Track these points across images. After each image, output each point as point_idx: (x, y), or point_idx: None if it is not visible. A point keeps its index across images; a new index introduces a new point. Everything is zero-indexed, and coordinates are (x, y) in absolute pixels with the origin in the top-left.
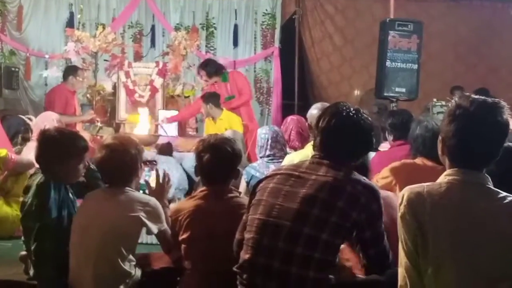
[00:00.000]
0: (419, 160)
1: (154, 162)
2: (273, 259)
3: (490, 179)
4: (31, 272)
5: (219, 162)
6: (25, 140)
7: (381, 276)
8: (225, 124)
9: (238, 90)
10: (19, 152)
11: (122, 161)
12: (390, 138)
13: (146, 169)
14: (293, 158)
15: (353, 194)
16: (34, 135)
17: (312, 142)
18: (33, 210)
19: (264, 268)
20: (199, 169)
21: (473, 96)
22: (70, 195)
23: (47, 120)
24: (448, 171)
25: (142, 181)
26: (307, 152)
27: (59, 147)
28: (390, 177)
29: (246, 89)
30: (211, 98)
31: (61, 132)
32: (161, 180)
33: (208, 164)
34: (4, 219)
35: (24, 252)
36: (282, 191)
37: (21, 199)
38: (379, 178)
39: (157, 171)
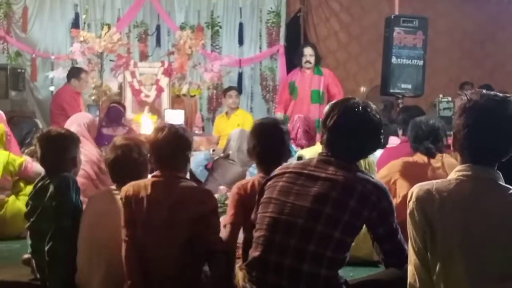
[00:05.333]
0: (416, 157)
1: None
2: (285, 256)
3: (501, 175)
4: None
5: (173, 142)
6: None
7: (400, 270)
8: (239, 120)
9: (332, 92)
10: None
11: (136, 162)
12: (400, 133)
13: None
14: (304, 154)
15: (364, 193)
16: None
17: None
18: (51, 212)
19: (275, 265)
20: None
21: (484, 90)
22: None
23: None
24: (459, 167)
25: None
26: (318, 149)
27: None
28: (388, 176)
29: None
30: None
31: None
32: None
33: (161, 142)
34: (17, 215)
35: (27, 255)
36: (293, 190)
37: None
38: (378, 178)
39: None
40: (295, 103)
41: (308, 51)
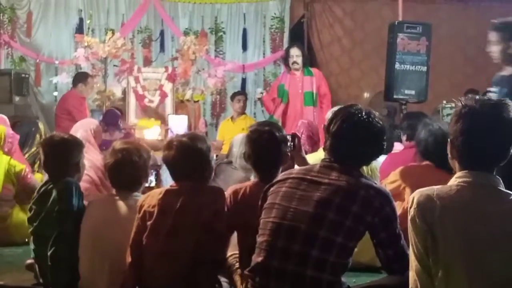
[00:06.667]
0: (426, 163)
1: (158, 167)
2: (288, 262)
3: (501, 181)
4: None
5: (182, 158)
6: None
7: (403, 276)
8: (243, 124)
9: (322, 93)
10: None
11: (136, 165)
12: (404, 138)
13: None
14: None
15: (367, 198)
16: None
17: None
18: (54, 216)
19: (278, 271)
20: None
21: (477, 96)
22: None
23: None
24: (458, 174)
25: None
26: (320, 155)
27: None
28: (398, 181)
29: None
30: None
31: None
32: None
33: (172, 160)
34: (21, 224)
35: (30, 260)
36: (295, 195)
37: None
38: (387, 183)
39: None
40: (287, 107)
41: (294, 52)
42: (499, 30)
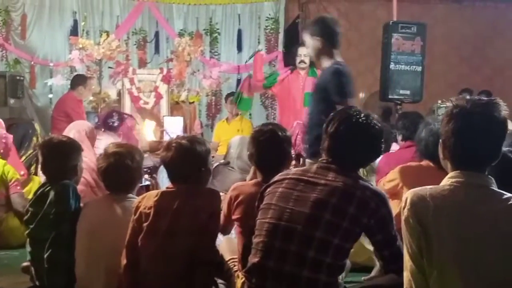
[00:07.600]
0: (425, 163)
1: (152, 169)
2: (284, 262)
3: (494, 181)
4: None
5: (180, 160)
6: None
7: (399, 276)
8: (238, 126)
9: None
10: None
11: (129, 168)
12: (399, 138)
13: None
14: None
15: (363, 200)
16: None
17: None
18: (51, 219)
19: (274, 271)
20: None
21: (468, 96)
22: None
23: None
24: (451, 174)
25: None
26: None
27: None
28: (396, 180)
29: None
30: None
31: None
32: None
33: (170, 162)
34: (16, 228)
35: (26, 263)
36: (292, 196)
37: None
38: (386, 181)
39: (154, 178)
40: (286, 107)
41: (302, 51)
42: (307, 29)
